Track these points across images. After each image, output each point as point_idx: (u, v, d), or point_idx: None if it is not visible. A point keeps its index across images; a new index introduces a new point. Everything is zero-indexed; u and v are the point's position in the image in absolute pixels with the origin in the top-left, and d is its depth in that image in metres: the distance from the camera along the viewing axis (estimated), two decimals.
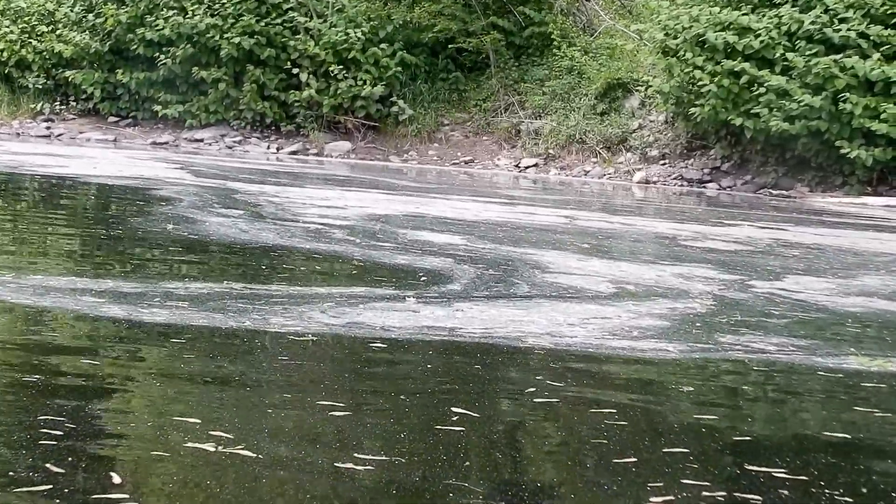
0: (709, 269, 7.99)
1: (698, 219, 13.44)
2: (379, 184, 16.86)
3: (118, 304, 5.51)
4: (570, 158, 24.61)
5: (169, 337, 4.89)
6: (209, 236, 8.56)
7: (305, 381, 4.29)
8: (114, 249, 7.93)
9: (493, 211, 12.54)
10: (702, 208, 16.00)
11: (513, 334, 5.05)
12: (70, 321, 5.18)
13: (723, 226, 12.44)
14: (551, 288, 6.58)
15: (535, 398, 4.13)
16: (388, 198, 13.73)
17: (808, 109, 18.98)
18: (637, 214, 13.62)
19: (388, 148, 25.83)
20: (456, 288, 6.31)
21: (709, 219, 13.51)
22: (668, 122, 24.10)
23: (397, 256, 7.79)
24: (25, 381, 4.02)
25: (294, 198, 12.75)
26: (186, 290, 5.98)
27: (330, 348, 4.83)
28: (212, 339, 4.91)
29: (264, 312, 5.41)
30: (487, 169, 24.51)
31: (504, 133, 25.93)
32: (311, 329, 5.08)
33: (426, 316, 5.43)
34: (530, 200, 15.53)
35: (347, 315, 5.42)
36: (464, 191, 17.23)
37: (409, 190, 15.81)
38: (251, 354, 4.65)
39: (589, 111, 25.10)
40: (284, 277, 6.78)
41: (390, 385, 4.28)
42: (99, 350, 4.66)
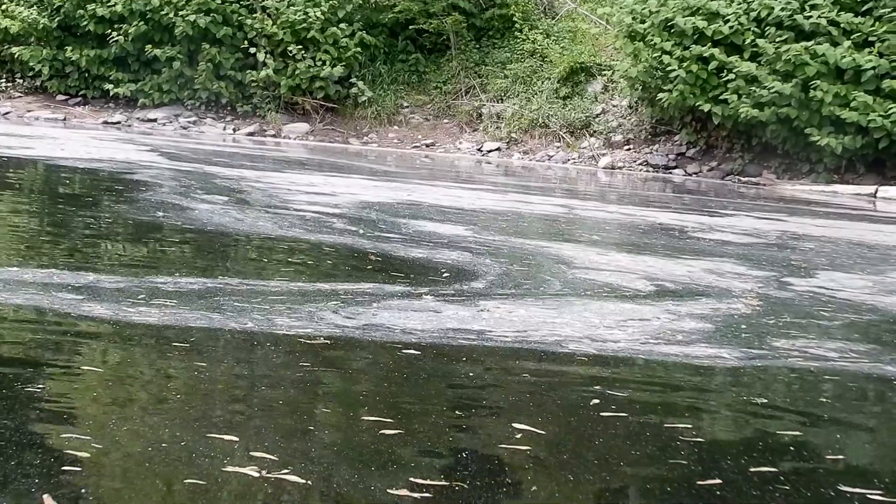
0: (734, 263, 7.66)
1: (693, 208, 13.14)
2: (358, 169, 16.38)
3: (100, 301, 5.04)
4: (532, 143, 24.31)
5: (165, 341, 4.45)
6: (200, 225, 8.06)
7: (342, 394, 3.88)
8: (99, 239, 7.41)
9: (487, 199, 12.13)
10: (689, 197, 15.71)
11: (549, 338, 4.68)
12: (47, 320, 4.72)
13: (721, 216, 12.17)
14: (583, 285, 6.15)
15: (599, 412, 3.77)
16: (374, 184, 13.25)
17: (777, 96, 18.84)
18: (630, 203, 13.29)
19: (347, 130, 25.32)
20: (479, 285, 5.89)
21: (702, 208, 13.23)
22: (632, 106, 23.89)
23: (411, 249, 7.33)
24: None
25: (277, 183, 12.24)
26: (176, 286, 5.52)
27: (352, 354, 4.40)
28: (214, 342, 4.47)
29: (266, 312, 4.98)
30: (449, 153, 24.11)
31: (465, 116, 25.55)
32: (322, 331, 4.65)
33: (449, 317, 5.02)
34: (518, 188, 15.14)
35: (362, 315, 4.99)
36: (446, 177, 16.80)
37: (390, 175, 15.35)
38: (266, 361, 4.22)
39: (552, 95, 24.81)
40: (285, 272, 6.33)
41: (438, 398, 3.89)
42: (83, 357, 4.21)
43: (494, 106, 25.39)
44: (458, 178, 16.58)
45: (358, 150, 23.23)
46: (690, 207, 13.33)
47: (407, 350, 4.41)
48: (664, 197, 15.41)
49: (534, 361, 4.35)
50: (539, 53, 25.75)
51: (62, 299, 5.05)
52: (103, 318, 4.75)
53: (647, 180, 20.25)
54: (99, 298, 5.12)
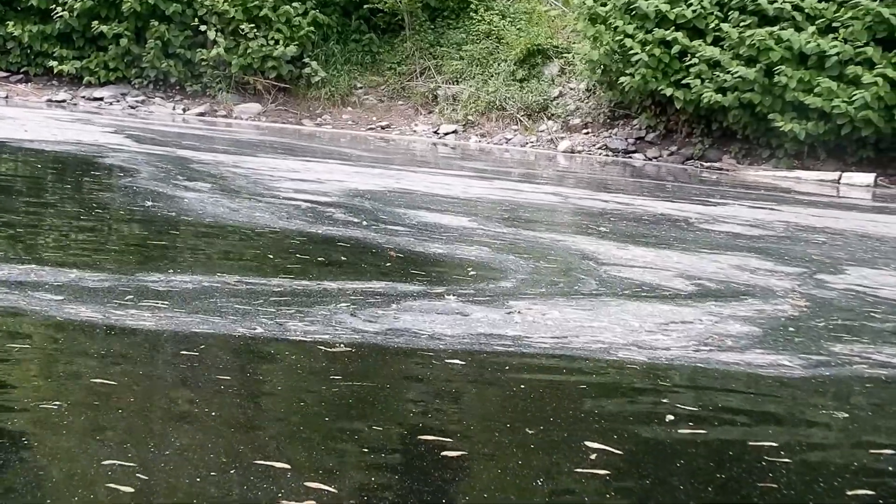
0: (759, 259, 7.38)
1: (683, 197, 12.87)
2: (332, 154, 15.90)
3: (84, 302, 4.62)
4: (489, 125, 23.98)
5: (169, 350, 4.05)
6: (194, 216, 7.60)
7: (389, 412, 3.51)
8: (81, 232, 6.91)
9: (476, 187, 11.75)
10: (670, 184, 15.48)
11: (592, 345, 4.34)
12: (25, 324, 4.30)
13: (714, 205, 11.93)
14: (616, 284, 5.81)
15: (675, 428, 3.46)
16: (355, 170, 12.80)
17: (741, 81, 18.71)
18: (620, 192, 12.97)
19: (300, 111, 24.77)
20: (507, 284, 5.51)
21: (692, 197, 12.97)
22: (590, 90, 23.66)
23: (426, 244, 6.93)
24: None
25: (257, 168, 11.74)
26: (169, 285, 5.09)
27: (382, 365, 4.03)
28: (225, 351, 4.08)
29: (273, 315, 4.57)
30: (405, 135, 23.69)
31: (420, 98, 25.12)
32: (340, 337, 4.27)
33: (478, 320, 4.66)
34: (501, 175, 14.75)
35: (382, 319, 4.61)
36: (424, 163, 16.36)
37: (367, 161, 14.89)
38: (291, 374, 3.84)
39: (508, 77, 24.48)
40: (288, 269, 5.90)
41: (493, 414, 3.54)
42: (87, 369, 3.80)
43: (450, 88, 25.00)
44: (437, 165, 16.15)
45: (312, 132, 22.71)
46: (680, 196, 13.07)
47: (442, 360, 4.06)
48: (646, 185, 15.11)
49: (584, 372, 4.02)
50: (495, 35, 25.39)
51: (41, 300, 4.60)
52: (93, 321, 4.33)
53: (608, 164, 20.04)
54: (82, 299, 4.69)
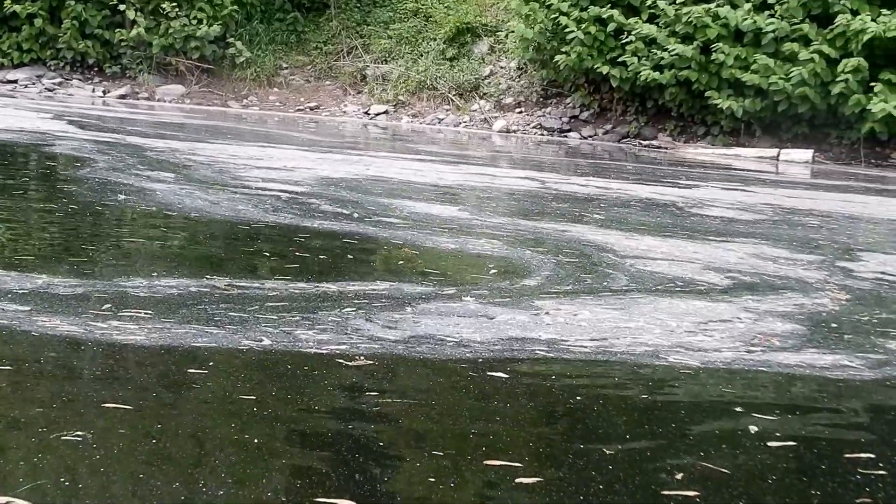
0: (769, 246, 7.11)
1: (653, 179, 12.59)
2: (284, 139, 15.29)
3: (56, 312, 4.17)
4: (421, 105, 23.59)
5: (173, 367, 3.64)
6: (174, 210, 7.08)
7: (443, 434, 3.13)
8: (45, 231, 6.35)
9: (449, 173, 11.34)
10: (631, 165, 15.22)
11: (637, 348, 4.01)
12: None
13: (687, 188, 11.69)
14: (641, 278, 5.50)
15: (765, 441, 3.16)
16: (318, 156, 12.26)
17: (678, 59, 18.63)
18: (590, 175, 12.63)
19: (225, 93, 24.07)
20: (530, 282, 5.12)
21: (659, 179, 12.73)
22: (521, 68, 23.42)
23: (434, 238, 6.54)
24: None
25: (215, 156, 11.17)
26: (151, 290, 4.62)
27: (415, 378, 3.64)
28: (236, 367, 3.67)
29: (277, 322, 4.17)
30: (335, 116, 23.18)
31: (349, 78, 24.61)
32: (359, 347, 3.88)
33: (506, 322, 4.30)
34: (462, 158, 14.34)
35: (400, 324, 4.21)
36: (380, 147, 15.87)
37: (325, 146, 14.36)
38: (317, 392, 3.44)
39: (438, 56, 24.11)
40: (284, 269, 5.46)
41: (564, 435, 3.19)
42: (92, 396, 3.38)
43: (379, 67, 24.53)
44: (395, 149, 15.64)
45: (239, 114, 22.06)
46: (649, 178, 12.83)
47: (481, 371, 3.70)
48: (608, 167, 14.75)
49: (639, 380, 3.69)
50: (423, 13, 24.99)
51: (4, 311, 4.12)
52: (74, 336, 3.87)
53: (544, 143, 19.81)
54: (53, 309, 4.21)
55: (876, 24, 17.11)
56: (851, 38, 17.44)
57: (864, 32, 17.10)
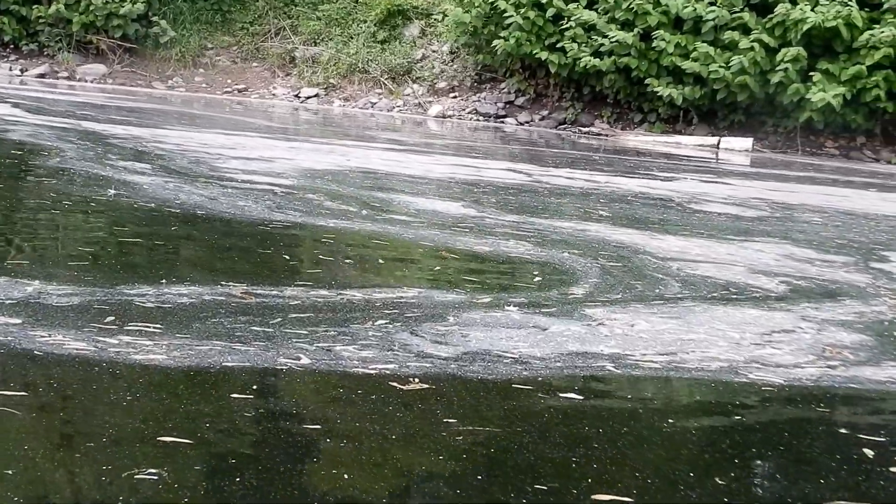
0: (792, 245, 6.95)
1: (628, 172, 12.36)
2: (240, 124, 14.68)
3: (54, 326, 3.75)
4: (352, 89, 23.11)
5: (213, 392, 3.28)
6: (176, 206, 6.59)
7: (539, 464, 2.80)
8: (43, 231, 5.76)
9: (430, 164, 11.00)
10: (599, 156, 14.96)
11: (709, 363, 3.73)
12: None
13: (666, 180, 11.52)
14: (703, 285, 5.24)
15: (887, 466, 2.93)
16: (289, 145, 11.78)
17: (618, 45, 18.52)
18: (567, 167, 12.27)
19: (149, 73, 23.24)
20: (578, 292, 4.82)
21: (634, 171, 12.54)
22: (454, 52, 23.10)
23: (465, 239, 6.21)
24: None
25: (184, 144, 10.58)
26: (159, 298, 4.17)
27: (484, 403, 3.30)
28: (282, 391, 3.32)
29: (310, 338, 3.80)
30: (264, 98, 22.57)
31: (277, 60, 23.99)
32: (409, 367, 3.53)
33: (561, 335, 3.98)
34: (429, 147, 13.95)
35: (448, 338, 3.85)
36: (341, 134, 15.21)
37: (287, 133, 13.93)
38: (389, 420, 3.12)
39: (369, 39, 23.64)
40: (306, 273, 5.01)
41: (674, 465, 2.89)
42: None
43: (308, 49, 23.97)
44: (361, 137, 15.00)
45: (164, 95, 21.32)
46: (625, 170, 12.63)
47: (553, 393, 3.40)
48: (573, 156, 14.42)
49: (727, 399, 3.42)
50: None
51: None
52: (85, 356, 3.46)
53: (482, 129, 19.54)
54: (47, 322, 3.78)
55: (815, 14, 17.22)
56: (791, 28, 17.53)
57: (804, 22, 17.20)
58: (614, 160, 14.19)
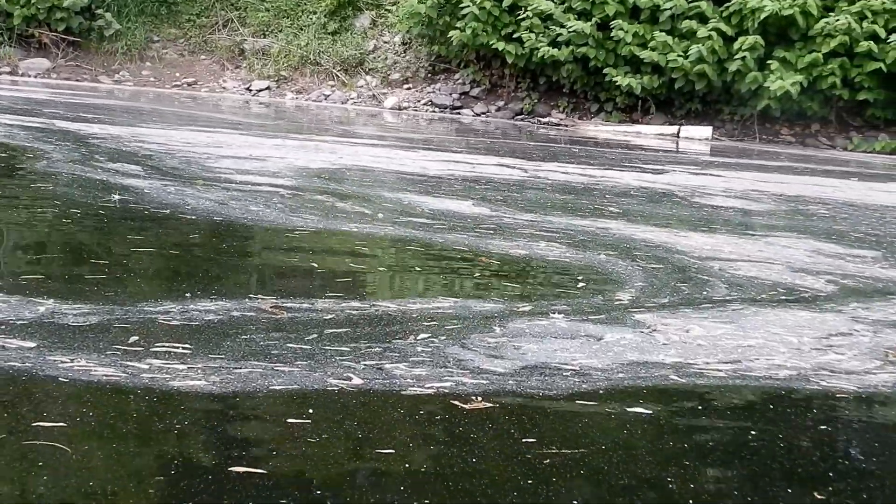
0: (812, 239, 6.87)
1: (618, 163, 12.29)
2: (215, 121, 14.34)
3: (73, 349, 3.51)
4: (304, 81, 22.78)
5: (260, 418, 3.08)
6: (190, 212, 6.30)
7: (639, 488, 2.64)
8: (50, 242, 5.42)
9: (421, 160, 10.74)
10: (578, 148, 14.79)
11: (777, 371, 3.58)
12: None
13: (660, 173, 11.40)
14: (749, 286, 5.09)
15: None
16: (274, 143, 11.44)
17: (575, 35, 18.45)
18: (553, 160, 12.13)
19: (94, 67, 22.68)
20: (624, 297, 4.65)
21: (622, 162, 12.44)
22: (406, 43, 22.86)
23: (498, 242, 5.99)
24: None
25: (169, 144, 10.19)
26: (184, 315, 3.93)
27: (556, 421, 3.14)
28: (341, 415, 3.12)
29: (354, 355, 3.59)
30: (215, 92, 22.14)
31: (226, 52, 23.55)
32: (465, 383, 3.33)
33: (617, 343, 3.83)
34: (409, 142, 13.62)
35: (502, 351, 3.66)
36: (316, 129, 14.84)
37: (262, 129, 13.48)
38: (463, 445, 2.94)
39: (320, 30, 23.32)
40: (336, 283, 4.77)
41: (782, 481, 2.75)
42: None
43: (258, 41, 23.57)
44: (340, 133, 14.64)
45: (111, 89, 20.82)
46: (610, 162, 12.48)
47: (620, 407, 3.24)
48: (554, 150, 14.29)
49: (805, 409, 3.27)
50: None
51: (6, 349, 3.43)
52: (116, 382, 3.23)
53: (438, 121, 19.37)
54: (65, 344, 3.52)
55: (772, 2, 17.29)
56: (747, 16, 17.59)
57: (761, 10, 17.27)
58: (595, 152, 14.09)
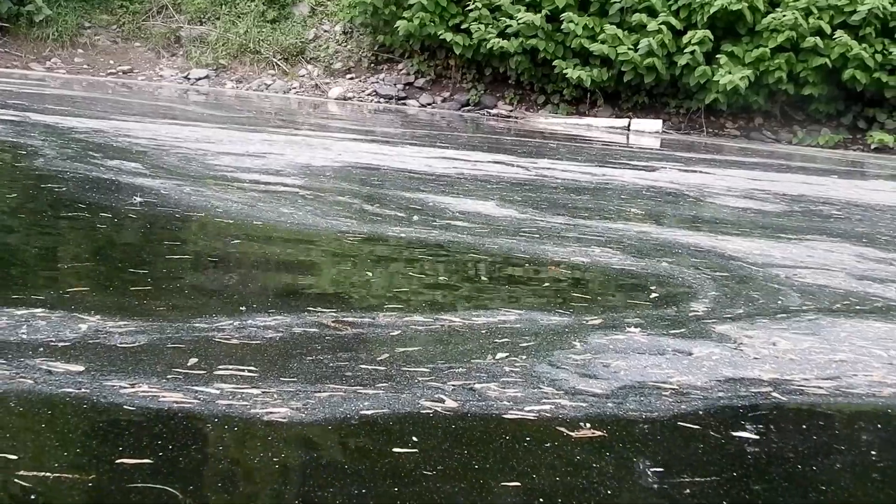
0: (842, 242, 6.85)
1: (605, 160, 12.21)
2: (191, 114, 13.86)
3: (128, 373, 3.24)
4: (244, 70, 22.33)
5: (354, 448, 2.89)
6: (218, 216, 5.97)
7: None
8: (79, 251, 5.02)
9: (420, 157, 10.49)
10: (559, 143, 14.60)
11: (881, 389, 3.42)
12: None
13: (653, 170, 11.31)
14: (821, 295, 4.97)
15: None
16: (262, 137, 11.05)
17: (525, 27, 18.36)
18: (541, 156, 11.98)
19: (24, 53, 21.94)
20: (699, 308, 4.50)
21: (611, 160, 12.33)
22: (347, 32, 22.55)
23: (551, 248, 5.81)
24: None
25: (159, 139, 9.71)
26: (241, 331, 3.67)
27: (673, 446, 2.99)
28: (444, 442, 2.94)
29: (435, 374, 3.38)
30: (152, 80, 21.58)
31: (161, 40, 22.97)
32: (565, 407, 3.14)
33: (707, 358, 3.67)
34: (387, 136, 13.40)
35: (593, 370, 3.47)
36: (298, 123, 14.48)
37: (242, 124, 13.04)
38: (598, 483, 2.79)
39: (258, 18, 22.88)
40: (390, 295, 4.55)
41: None
42: None
43: (194, 29, 23.03)
44: (318, 126, 14.32)
45: (42, 77, 20.14)
46: (598, 160, 12.39)
47: (722, 430, 3.11)
48: (533, 144, 14.13)
49: None
50: None
51: (57, 374, 3.11)
52: (185, 409, 2.96)
53: (383, 111, 19.13)
54: (118, 367, 3.23)
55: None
56: (696, 10, 17.68)
57: (710, 5, 17.37)
58: (573, 147, 14.01)
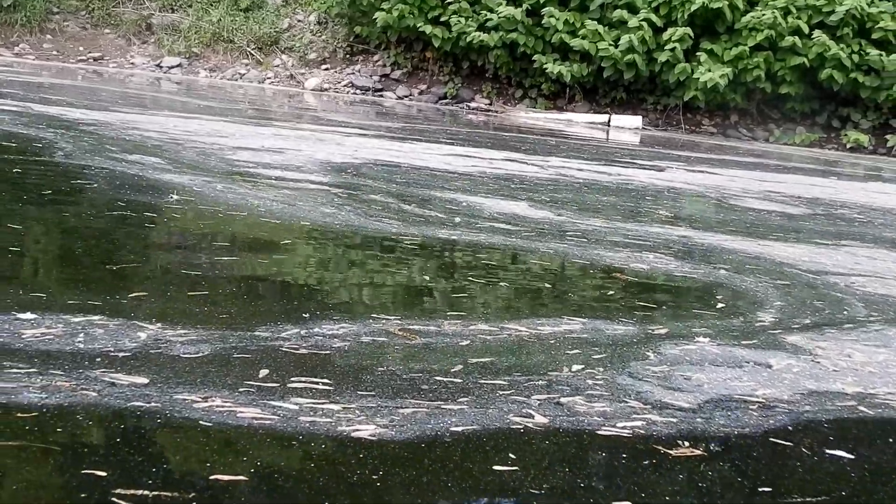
0: (885, 249, 6.86)
1: (611, 158, 12.21)
2: (191, 107, 13.62)
3: (195, 386, 3.11)
4: (217, 59, 22.06)
5: (453, 470, 2.81)
6: (263, 215, 5.84)
7: None
8: (125, 253, 4.81)
9: (435, 154, 10.40)
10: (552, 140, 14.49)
11: None
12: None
13: (660, 170, 11.30)
14: (885, 305, 4.94)
15: None
16: (272, 132, 10.87)
17: (505, 21, 18.30)
18: (548, 154, 11.93)
19: None
20: (766, 318, 4.44)
21: (616, 158, 12.33)
22: (321, 23, 22.35)
23: (609, 255, 5.72)
24: None
25: (170, 132, 9.51)
26: (310, 342, 3.53)
27: (772, 465, 2.97)
28: (544, 457, 2.88)
29: (516, 387, 3.31)
30: (123, 68, 21.24)
31: (132, 27, 22.62)
32: (656, 423, 3.06)
33: (787, 371, 3.64)
34: (389, 130, 13.23)
35: (675, 382, 3.42)
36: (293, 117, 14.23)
37: (244, 116, 12.83)
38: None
39: (232, 6, 22.61)
40: (451, 301, 4.47)
41: None
42: None
43: (166, 16, 22.70)
44: (325, 121, 14.09)
45: (11, 63, 19.74)
46: (606, 158, 12.38)
47: (815, 448, 3.08)
48: (532, 141, 14.03)
49: None
50: None
51: (118, 386, 2.97)
52: (268, 427, 2.82)
53: (358, 103, 18.97)
54: (183, 379, 3.11)
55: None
56: (677, 8, 17.73)
57: (691, 3, 17.42)
58: (573, 145, 13.96)
